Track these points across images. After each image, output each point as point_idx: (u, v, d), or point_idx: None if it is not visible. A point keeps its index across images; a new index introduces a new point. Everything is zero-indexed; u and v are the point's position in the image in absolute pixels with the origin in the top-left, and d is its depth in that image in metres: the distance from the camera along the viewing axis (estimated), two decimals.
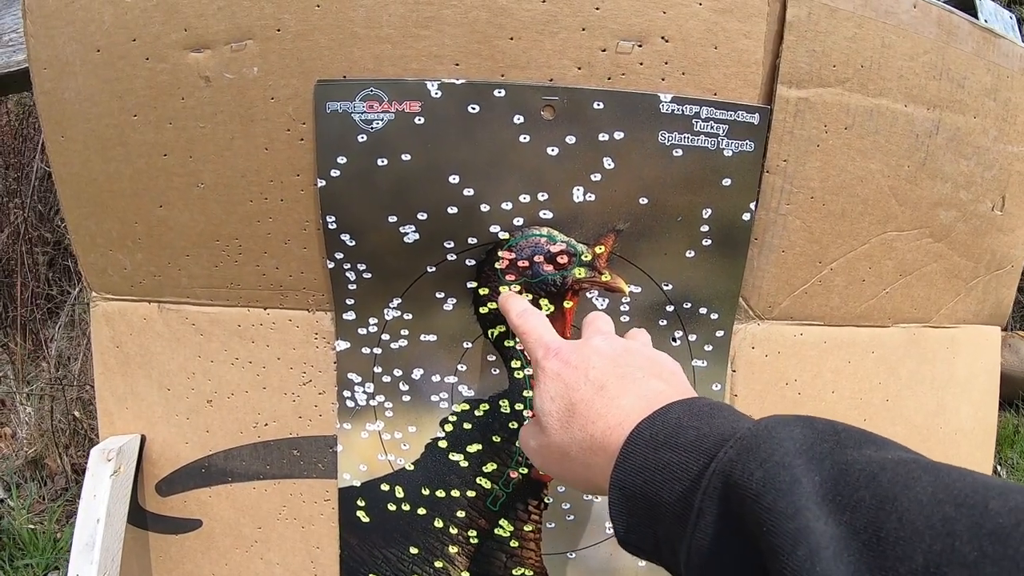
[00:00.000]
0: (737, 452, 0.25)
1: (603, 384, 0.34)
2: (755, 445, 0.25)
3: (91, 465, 0.50)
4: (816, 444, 0.24)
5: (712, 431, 0.28)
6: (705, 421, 0.29)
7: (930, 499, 0.21)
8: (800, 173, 0.47)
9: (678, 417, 0.30)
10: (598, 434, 0.32)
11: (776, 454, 0.24)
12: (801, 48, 0.44)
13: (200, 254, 0.49)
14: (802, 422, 0.26)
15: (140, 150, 0.47)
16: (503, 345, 0.47)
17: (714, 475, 0.26)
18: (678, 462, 0.28)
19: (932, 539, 0.20)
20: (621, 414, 0.32)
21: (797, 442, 0.24)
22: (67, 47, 0.47)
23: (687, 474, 0.27)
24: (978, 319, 0.58)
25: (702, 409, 0.30)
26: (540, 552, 0.49)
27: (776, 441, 0.25)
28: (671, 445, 0.28)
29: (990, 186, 0.54)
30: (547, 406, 0.36)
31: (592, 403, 0.34)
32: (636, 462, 0.29)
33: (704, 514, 0.25)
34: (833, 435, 0.25)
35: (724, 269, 0.47)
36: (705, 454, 0.27)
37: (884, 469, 0.22)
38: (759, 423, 0.27)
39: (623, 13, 0.42)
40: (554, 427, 0.35)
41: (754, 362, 0.51)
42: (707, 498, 0.26)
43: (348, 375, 0.49)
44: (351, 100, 0.43)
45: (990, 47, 0.50)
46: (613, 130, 0.43)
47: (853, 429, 0.26)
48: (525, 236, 0.45)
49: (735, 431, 0.27)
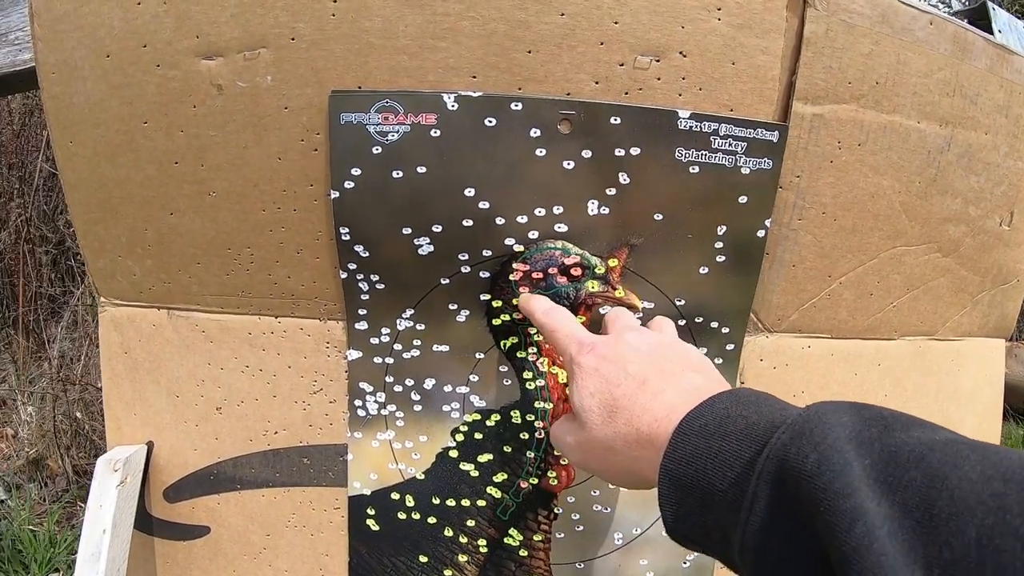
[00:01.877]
0: (790, 437, 0.26)
1: (645, 378, 0.35)
2: (808, 430, 0.26)
3: (97, 475, 0.49)
4: (864, 430, 0.25)
5: (761, 419, 0.29)
6: (752, 410, 0.30)
7: (979, 476, 0.21)
8: (813, 189, 0.47)
9: (725, 407, 0.30)
10: (644, 427, 0.33)
11: (828, 438, 0.25)
12: (818, 64, 0.44)
13: (211, 262, 0.49)
14: (850, 409, 0.27)
15: (150, 157, 0.47)
16: (515, 356, 0.47)
17: (768, 460, 0.26)
18: (729, 450, 0.28)
19: (984, 514, 0.20)
20: (667, 407, 0.33)
21: (847, 428, 0.25)
22: (76, 51, 0.46)
23: (739, 461, 0.28)
24: (983, 332, 0.59)
25: (748, 398, 0.31)
26: (549, 562, 0.50)
27: (827, 426, 0.25)
28: (721, 434, 0.29)
29: (999, 202, 0.54)
30: (586, 402, 0.36)
31: (636, 397, 0.34)
32: (686, 451, 0.30)
33: (759, 498, 0.26)
34: (880, 420, 0.26)
35: (737, 285, 0.47)
36: (757, 441, 0.28)
37: (932, 450, 0.23)
38: (808, 409, 0.27)
39: (641, 27, 0.42)
40: (595, 422, 0.35)
41: (762, 374, 0.51)
42: (761, 482, 0.26)
43: (360, 384, 0.49)
44: (366, 112, 0.42)
45: (1004, 64, 0.50)
46: (629, 145, 0.43)
47: (899, 413, 0.26)
48: (540, 249, 0.45)
49: (785, 417, 0.28)
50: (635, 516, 0.49)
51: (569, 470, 0.48)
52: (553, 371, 0.47)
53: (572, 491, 0.49)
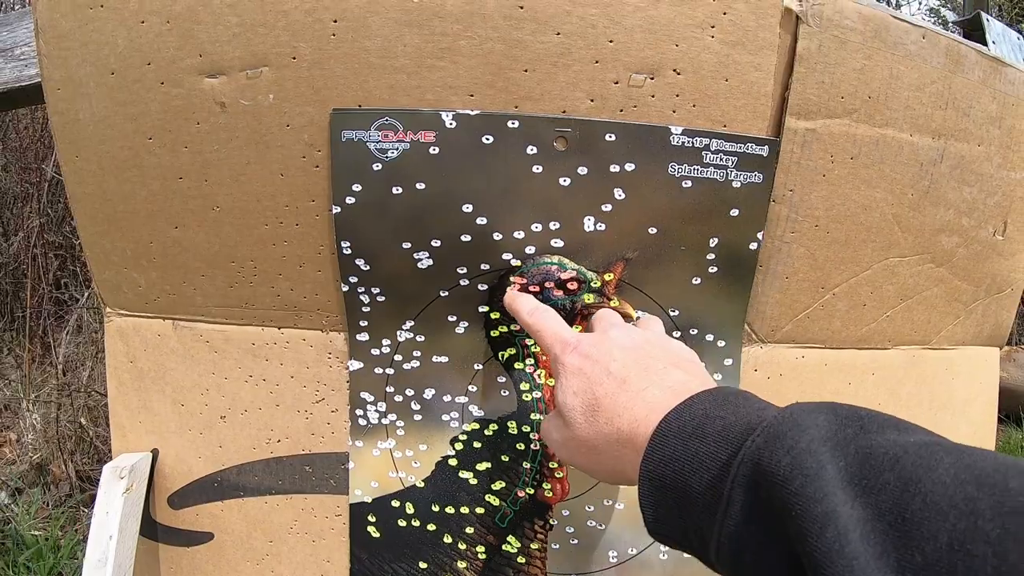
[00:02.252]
0: (764, 440, 0.26)
1: (625, 377, 0.35)
2: (781, 432, 0.26)
3: (103, 482, 0.50)
4: (840, 430, 0.25)
5: (738, 420, 0.29)
6: (731, 411, 0.30)
7: (952, 480, 0.21)
8: (805, 202, 0.48)
9: (704, 408, 0.30)
10: (625, 427, 0.33)
11: (802, 441, 0.25)
12: (811, 80, 0.45)
13: (215, 274, 0.50)
14: (826, 409, 0.27)
15: (155, 172, 0.48)
16: (512, 367, 0.48)
17: (742, 463, 0.26)
18: (706, 452, 0.28)
19: (956, 518, 0.20)
20: (647, 407, 0.33)
21: (822, 429, 0.25)
22: (81, 69, 0.47)
23: (715, 463, 0.28)
24: (977, 341, 0.59)
25: (727, 398, 0.31)
26: (546, 570, 0.51)
27: (801, 428, 0.25)
28: (699, 435, 0.29)
29: (992, 212, 0.54)
30: (570, 400, 0.36)
31: (617, 397, 0.34)
32: (665, 453, 0.30)
33: (733, 502, 0.26)
34: (856, 420, 0.26)
35: (730, 296, 0.48)
36: (732, 443, 0.28)
37: (907, 452, 0.23)
38: (784, 411, 0.27)
39: (636, 46, 0.43)
40: (578, 421, 0.35)
41: (756, 384, 0.52)
42: (736, 486, 0.26)
43: (361, 394, 0.50)
44: (366, 129, 0.43)
45: (996, 75, 0.51)
46: (624, 162, 0.43)
47: (876, 413, 0.26)
48: (536, 264, 0.46)
49: (761, 419, 0.28)
50: (629, 536, 0.50)
51: (563, 483, 0.49)
52: (550, 383, 0.48)
53: (567, 505, 0.50)
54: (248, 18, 0.43)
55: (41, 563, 1.27)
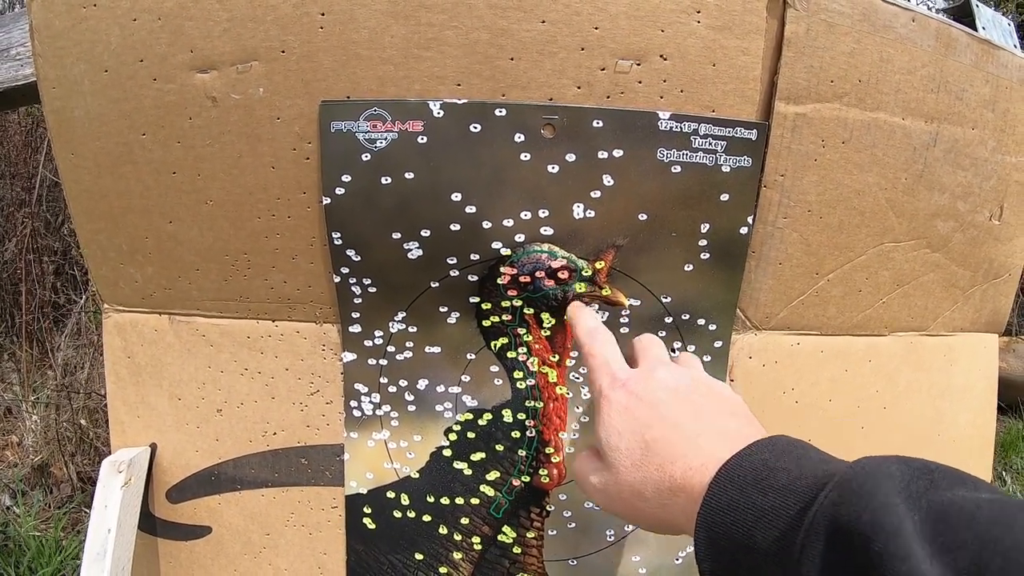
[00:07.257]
0: (839, 495, 0.26)
1: (678, 422, 0.34)
2: (858, 486, 0.26)
3: (102, 476, 0.51)
4: (912, 483, 0.25)
5: (803, 473, 0.29)
6: (794, 462, 0.30)
7: None
8: (797, 187, 0.48)
9: (764, 457, 0.31)
10: (678, 475, 0.33)
11: (879, 495, 0.25)
12: (799, 64, 0.45)
13: (210, 268, 0.50)
14: (898, 460, 0.27)
15: (149, 168, 0.48)
16: (505, 356, 0.48)
17: (817, 517, 0.27)
18: (771, 505, 0.28)
19: None
20: (703, 455, 0.32)
21: (895, 479, 0.26)
22: (75, 67, 0.48)
23: (784, 515, 0.28)
24: (975, 327, 0.59)
25: (785, 448, 0.31)
26: (542, 558, 0.51)
27: (875, 482, 0.26)
28: (762, 487, 0.29)
29: (988, 196, 0.54)
30: (614, 441, 0.35)
31: (670, 442, 0.34)
32: (724, 502, 0.30)
33: (808, 555, 0.26)
34: (927, 473, 0.26)
35: (722, 281, 0.48)
36: (802, 496, 0.28)
37: (980, 508, 0.24)
38: (856, 464, 0.28)
39: (621, 32, 0.43)
40: (624, 465, 0.35)
41: (752, 371, 0.52)
42: (811, 538, 0.26)
43: (355, 386, 0.50)
44: (355, 120, 0.44)
45: (989, 59, 0.51)
46: (612, 148, 0.44)
47: (945, 467, 0.27)
48: (527, 252, 0.46)
49: (828, 472, 0.28)
50: None
51: (560, 468, 0.49)
52: (543, 371, 0.48)
53: (563, 489, 0.50)
54: (237, 13, 0.44)
55: (44, 564, 1.27)
